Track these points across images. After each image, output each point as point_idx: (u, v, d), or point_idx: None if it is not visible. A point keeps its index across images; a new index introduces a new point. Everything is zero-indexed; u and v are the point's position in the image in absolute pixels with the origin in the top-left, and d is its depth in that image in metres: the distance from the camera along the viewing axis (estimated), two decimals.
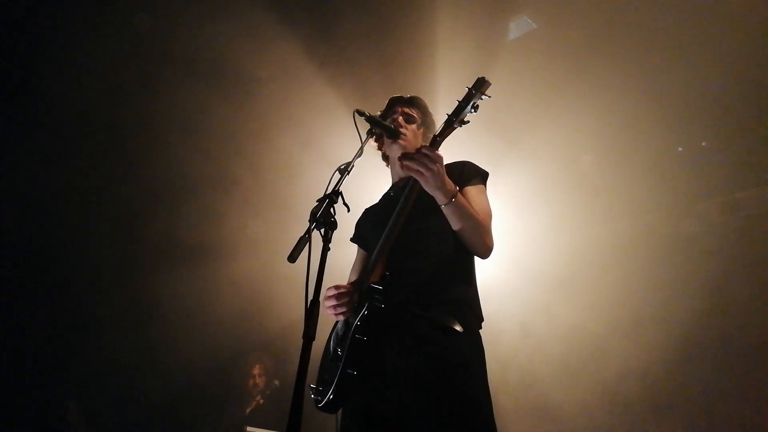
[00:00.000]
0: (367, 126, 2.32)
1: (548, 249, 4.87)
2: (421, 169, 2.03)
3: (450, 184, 2.10)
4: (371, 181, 4.29)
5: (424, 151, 2.04)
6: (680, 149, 4.63)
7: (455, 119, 2.14)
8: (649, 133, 4.54)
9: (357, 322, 2.07)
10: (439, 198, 2.09)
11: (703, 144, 4.53)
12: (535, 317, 4.80)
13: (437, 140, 2.15)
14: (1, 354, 5.00)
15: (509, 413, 4.34)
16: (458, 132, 2.18)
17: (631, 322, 4.37)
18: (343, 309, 2.17)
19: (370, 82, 5.00)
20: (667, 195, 4.54)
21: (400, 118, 2.51)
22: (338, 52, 5.07)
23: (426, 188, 2.09)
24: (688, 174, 4.48)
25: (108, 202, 5.46)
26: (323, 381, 2.19)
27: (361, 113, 2.29)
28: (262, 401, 5.39)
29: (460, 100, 2.13)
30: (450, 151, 2.19)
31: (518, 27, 4.95)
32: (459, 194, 2.12)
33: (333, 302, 2.18)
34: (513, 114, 4.71)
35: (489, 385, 2.12)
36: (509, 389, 4.57)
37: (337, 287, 2.22)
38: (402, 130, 2.46)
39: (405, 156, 2.10)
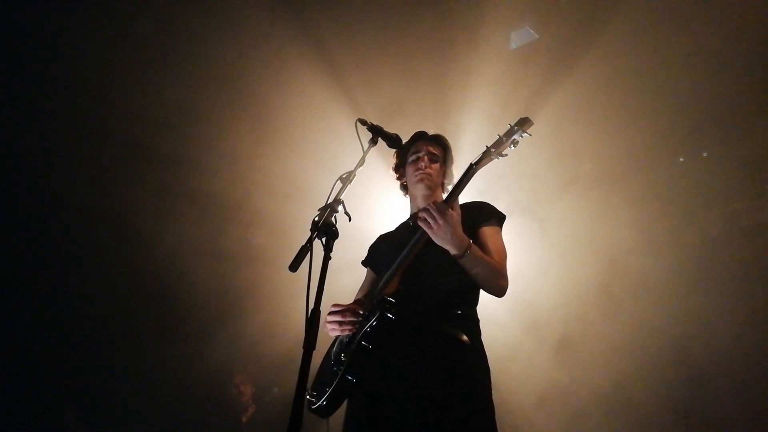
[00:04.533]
0: (369, 135, 2.33)
1: (548, 258, 4.87)
2: (430, 222, 2.08)
3: (462, 237, 2.11)
4: (373, 191, 4.31)
5: (429, 207, 2.11)
6: (681, 159, 4.64)
7: (494, 150, 2.19)
8: (650, 143, 4.55)
9: (366, 328, 2.10)
10: (451, 251, 2.12)
11: (704, 155, 4.55)
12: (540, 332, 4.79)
13: (473, 168, 2.20)
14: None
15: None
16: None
17: (633, 330, 4.37)
18: (348, 327, 2.19)
19: (375, 92, 5.02)
20: (668, 205, 4.55)
21: (426, 157, 2.54)
22: (346, 60, 5.07)
23: (435, 241, 2.12)
24: (688, 184, 4.49)
25: (105, 202, 5.42)
26: (321, 383, 2.21)
27: (363, 122, 2.30)
28: (254, 409, 5.39)
29: (501, 134, 2.19)
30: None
31: (519, 37, 4.97)
32: (473, 246, 2.13)
33: (337, 318, 2.20)
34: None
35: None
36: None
37: (339, 305, 2.25)
38: (428, 170, 2.51)
39: (420, 210, 2.17)
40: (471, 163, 2.21)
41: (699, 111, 4.31)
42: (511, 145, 2.18)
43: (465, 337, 2.14)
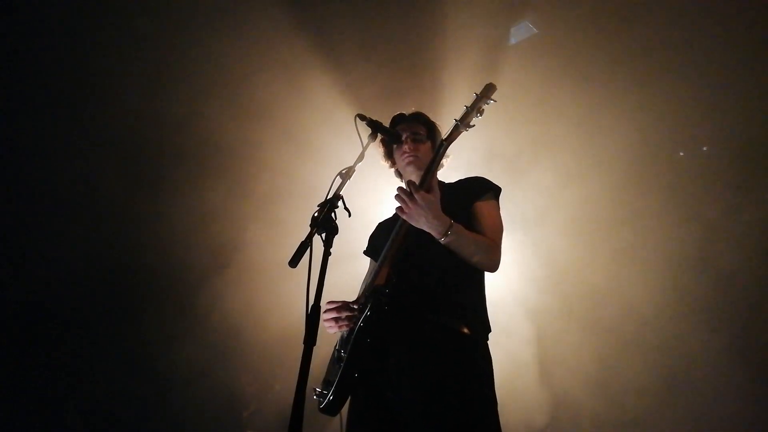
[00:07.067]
0: (369, 130, 2.32)
1: (549, 254, 4.87)
2: (402, 206, 2.06)
3: (441, 218, 2.06)
4: (373, 186, 4.29)
5: (398, 191, 2.07)
6: (681, 154, 4.63)
7: (461, 123, 2.18)
8: (650, 137, 4.54)
9: (360, 323, 2.09)
10: (432, 233, 2.09)
11: (704, 149, 4.54)
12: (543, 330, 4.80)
13: (444, 144, 2.17)
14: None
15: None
16: (469, 153, 2.21)
17: (634, 325, 4.37)
18: (344, 323, 2.17)
19: (374, 86, 5.01)
20: (669, 199, 4.54)
21: (410, 139, 2.49)
22: (342, 55, 5.05)
23: (414, 225, 2.09)
24: (689, 178, 4.49)
25: (102, 200, 5.41)
26: (326, 382, 2.21)
27: (362, 118, 2.29)
28: (256, 407, 5.40)
29: (467, 105, 2.17)
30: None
31: (519, 32, 4.95)
32: (454, 226, 2.08)
33: (332, 315, 2.18)
34: (518, 124, 4.71)
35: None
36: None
37: (334, 302, 2.22)
38: (414, 152, 2.45)
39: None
40: (441, 139, 2.20)
41: (699, 104, 4.30)
42: (477, 114, 2.17)
43: (463, 327, 2.10)
